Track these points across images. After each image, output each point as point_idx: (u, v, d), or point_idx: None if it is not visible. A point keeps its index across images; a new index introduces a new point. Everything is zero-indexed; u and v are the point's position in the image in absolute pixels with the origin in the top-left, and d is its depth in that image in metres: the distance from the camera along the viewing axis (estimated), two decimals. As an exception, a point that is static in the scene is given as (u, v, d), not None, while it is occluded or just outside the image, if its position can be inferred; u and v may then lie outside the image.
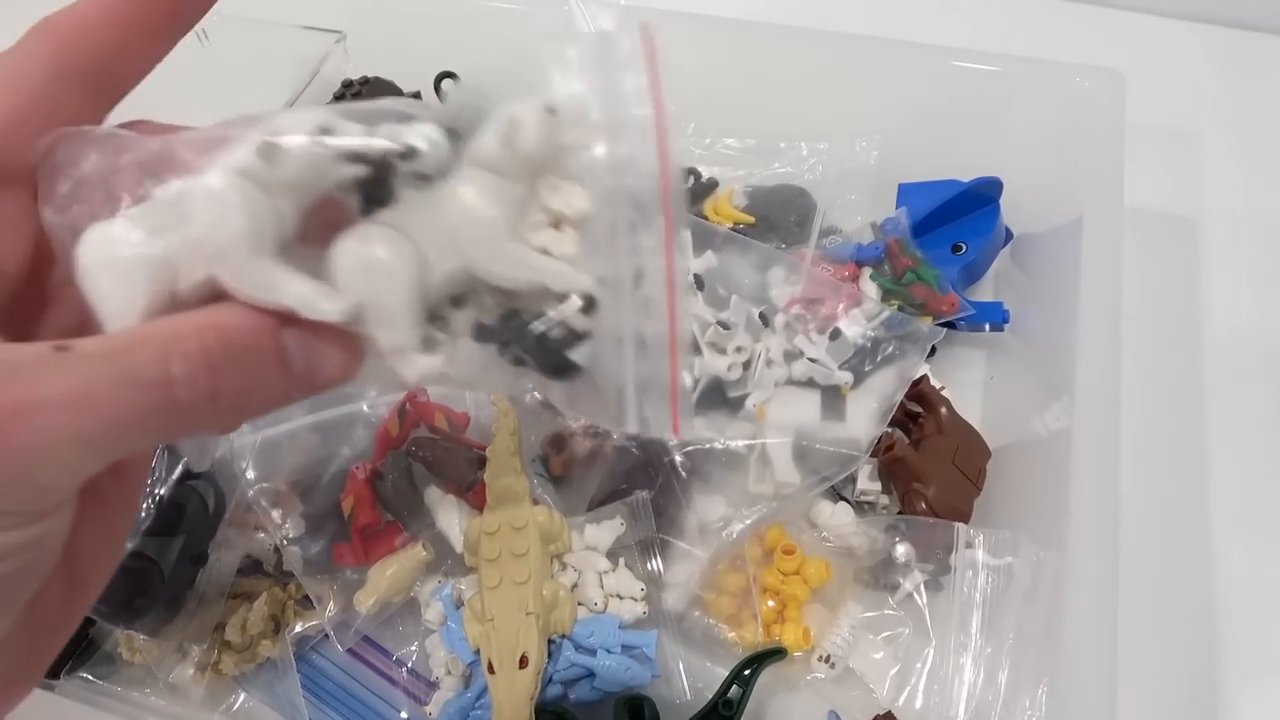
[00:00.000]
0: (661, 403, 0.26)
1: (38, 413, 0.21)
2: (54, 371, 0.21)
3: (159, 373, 0.22)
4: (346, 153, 0.23)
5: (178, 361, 0.22)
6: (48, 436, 0.21)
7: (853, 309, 0.56)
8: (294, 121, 0.23)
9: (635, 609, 0.48)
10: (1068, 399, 0.48)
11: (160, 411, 0.22)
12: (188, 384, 0.22)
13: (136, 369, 0.22)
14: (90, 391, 0.21)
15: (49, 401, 0.21)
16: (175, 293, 0.24)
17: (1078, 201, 0.54)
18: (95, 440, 0.22)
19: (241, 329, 0.24)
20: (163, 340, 0.23)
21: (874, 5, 0.79)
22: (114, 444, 0.23)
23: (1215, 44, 0.78)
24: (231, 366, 0.23)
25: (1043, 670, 0.43)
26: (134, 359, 0.22)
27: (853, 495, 0.53)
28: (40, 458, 0.21)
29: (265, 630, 0.49)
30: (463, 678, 0.48)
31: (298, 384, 0.25)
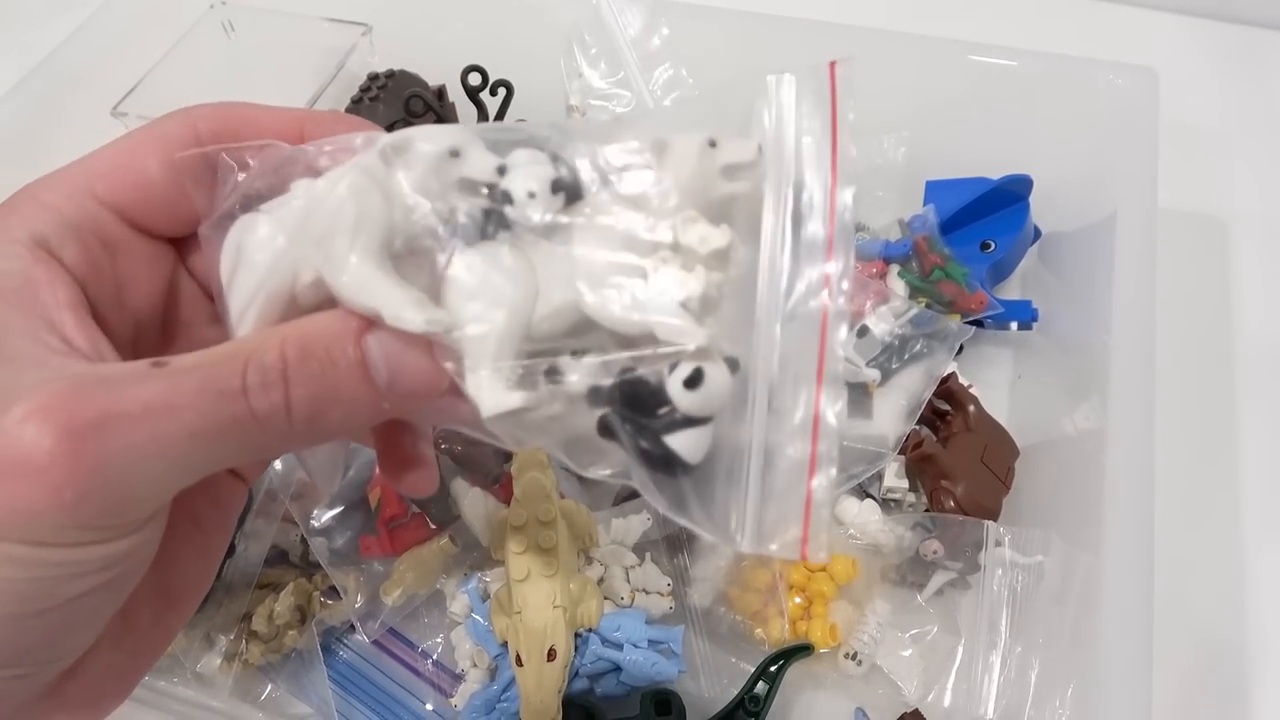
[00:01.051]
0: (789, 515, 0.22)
1: (121, 421, 0.21)
2: (143, 383, 0.22)
3: (237, 383, 0.23)
4: (464, 181, 0.22)
5: (253, 371, 0.23)
6: (129, 444, 0.21)
7: (880, 306, 0.56)
8: (427, 134, 0.23)
9: (662, 604, 0.48)
10: (1097, 398, 0.48)
11: (238, 422, 0.22)
12: (262, 393, 0.23)
13: (217, 379, 0.22)
14: (173, 401, 0.22)
15: (132, 411, 0.21)
16: (294, 293, 0.24)
17: (1110, 200, 0.54)
18: (177, 450, 0.22)
19: (319, 336, 0.24)
20: (246, 352, 0.23)
21: (903, 2, 0.79)
22: (196, 456, 0.23)
23: (1246, 43, 0.78)
24: (306, 375, 0.23)
25: (1073, 670, 0.43)
26: (218, 370, 0.23)
27: (880, 492, 0.53)
28: (122, 466, 0.21)
29: (292, 621, 0.49)
30: (489, 670, 0.48)
31: (382, 395, 0.24)
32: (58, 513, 0.21)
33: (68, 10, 0.74)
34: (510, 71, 0.62)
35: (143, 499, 0.23)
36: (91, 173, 0.26)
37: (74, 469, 0.20)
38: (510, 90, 0.63)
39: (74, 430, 0.20)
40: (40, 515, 0.21)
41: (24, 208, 0.25)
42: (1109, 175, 0.55)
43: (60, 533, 0.21)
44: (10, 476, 0.20)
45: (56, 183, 0.26)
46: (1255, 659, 0.50)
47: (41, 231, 0.25)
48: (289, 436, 0.24)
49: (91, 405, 0.21)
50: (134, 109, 0.64)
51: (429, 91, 0.67)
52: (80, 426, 0.21)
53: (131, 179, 0.26)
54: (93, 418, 0.21)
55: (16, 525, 0.21)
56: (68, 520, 0.21)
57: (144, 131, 0.27)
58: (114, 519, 0.22)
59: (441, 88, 0.68)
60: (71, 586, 0.22)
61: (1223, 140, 0.72)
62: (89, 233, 0.26)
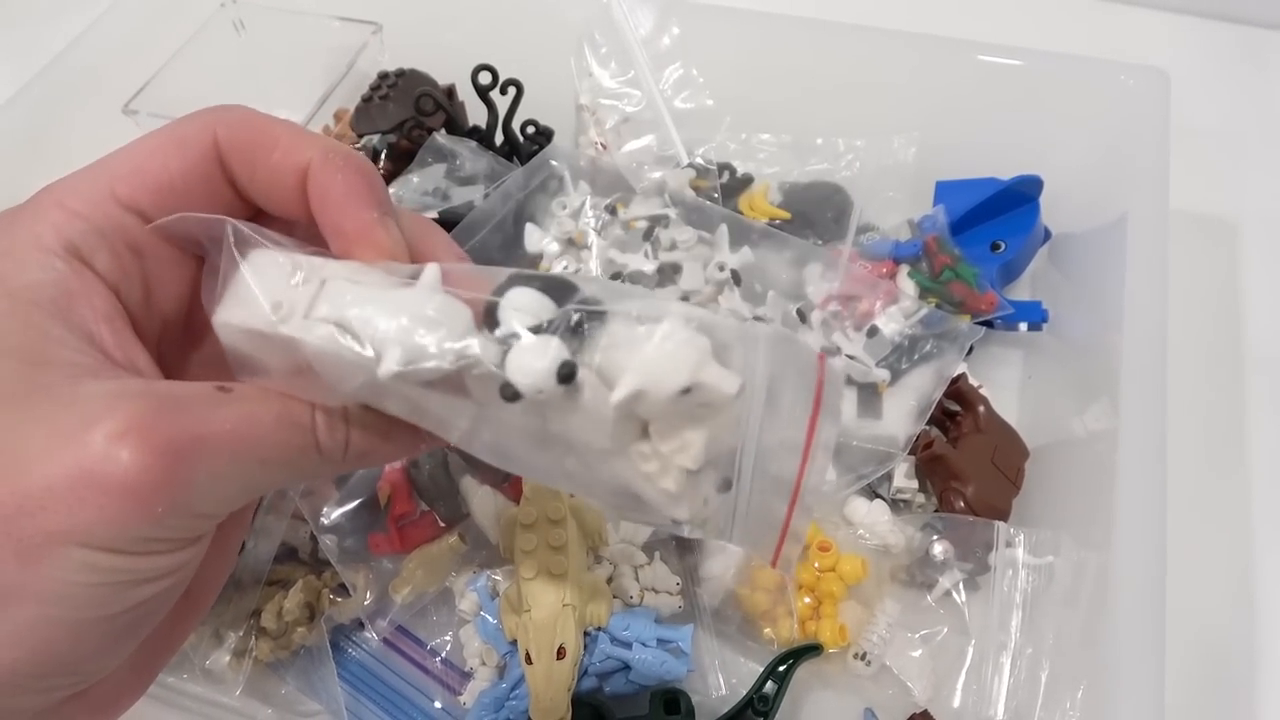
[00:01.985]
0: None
1: (206, 444, 0.23)
2: (221, 408, 0.24)
3: (307, 420, 0.25)
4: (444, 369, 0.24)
5: (321, 411, 0.26)
6: (213, 466, 0.24)
7: (890, 306, 0.56)
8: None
9: (671, 603, 0.48)
10: (1108, 400, 0.48)
11: (305, 452, 0.25)
12: (328, 431, 0.26)
13: (291, 414, 0.25)
14: (253, 429, 0.24)
15: (217, 434, 0.24)
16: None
17: (1120, 201, 0.54)
18: (252, 474, 0.25)
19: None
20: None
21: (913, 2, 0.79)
22: (266, 479, 0.26)
23: (1256, 45, 0.78)
24: (364, 420, 0.26)
25: (1083, 671, 0.43)
26: (291, 406, 0.25)
27: (889, 493, 0.53)
28: (205, 486, 0.24)
29: (301, 618, 0.49)
30: (498, 668, 0.48)
31: (426, 436, 0.27)
32: (146, 525, 0.23)
33: (79, 9, 0.74)
34: (520, 70, 0.63)
35: (212, 515, 0.25)
36: (113, 175, 0.27)
37: (166, 486, 0.22)
38: (520, 89, 0.63)
39: (168, 451, 0.22)
40: (128, 527, 0.22)
41: (51, 214, 0.26)
42: (1120, 176, 0.55)
43: (141, 543, 0.23)
44: (102, 490, 0.22)
45: (79, 187, 0.27)
46: (1267, 660, 0.50)
47: (73, 240, 0.26)
48: (339, 467, 0.27)
49: (182, 428, 0.23)
50: (145, 107, 0.64)
51: (439, 90, 0.67)
52: (174, 447, 0.22)
53: (151, 182, 0.27)
54: (185, 440, 0.23)
55: (102, 534, 0.22)
56: (151, 533, 0.23)
57: (164, 133, 0.28)
58: (188, 532, 0.25)
59: (451, 87, 0.68)
60: (139, 592, 0.24)
61: (1233, 141, 0.72)
62: (118, 239, 0.27)
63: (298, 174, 0.26)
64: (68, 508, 0.22)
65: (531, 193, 0.60)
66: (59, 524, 0.22)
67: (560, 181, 0.61)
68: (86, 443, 0.22)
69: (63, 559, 0.22)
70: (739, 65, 0.65)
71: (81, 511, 0.22)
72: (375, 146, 0.65)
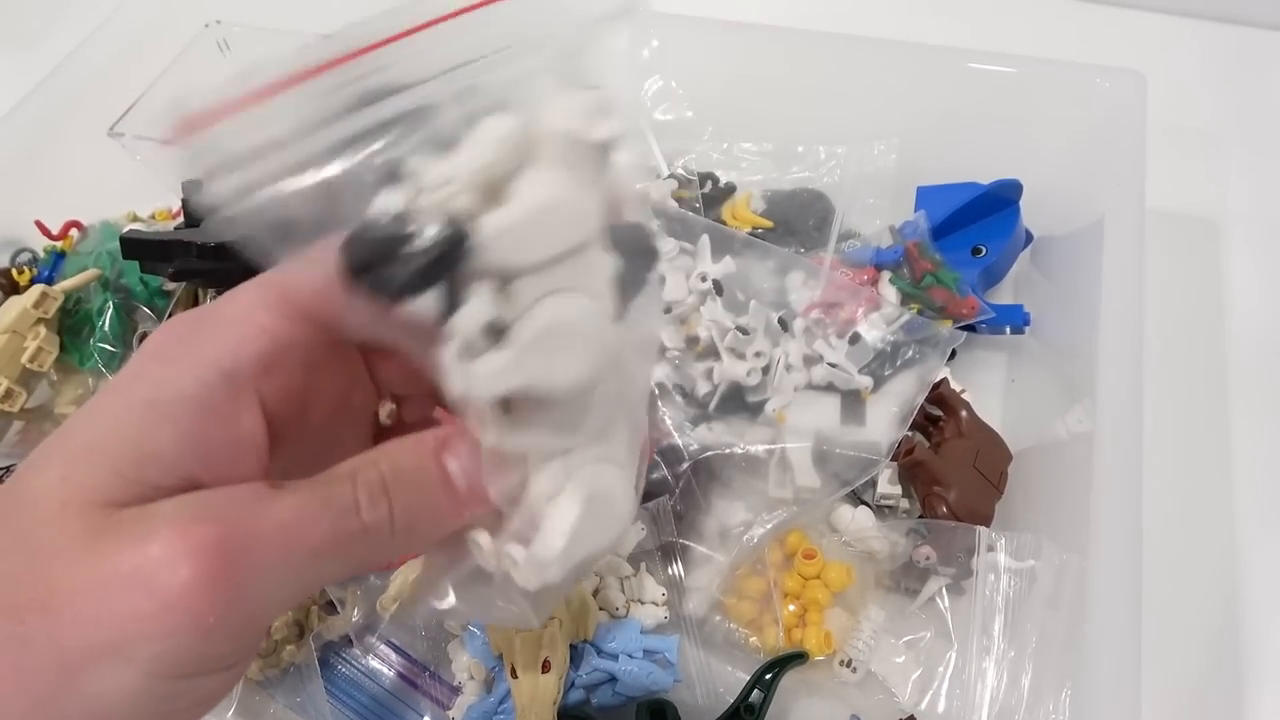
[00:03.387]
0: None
1: (256, 544, 0.22)
2: (270, 504, 0.23)
3: (350, 499, 0.24)
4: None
5: (361, 487, 0.25)
6: (264, 564, 0.23)
7: (872, 313, 0.56)
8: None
9: (657, 614, 0.49)
10: (1089, 402, 0.48)
11: (353, 536, 0.24)
12: (370, 506, 0.25)
13: (337, 497, 0.24)
14: (301, 520, 0.23)
15: (267, 532, 0.23)
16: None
17: (1099, 203, 0.54)
18: (304, 568, 0.24)
19: (407, 455, 0.26)
20: (351, 472, 0.25)
21: (891, 8, 0.79)
22: (319, 572, 0.25)
23: (1235, 44, 0.78)
24: (402, 487, 0.25)
25: (1066, 674, 0.43)
26: (333, 490, 0.24)
27: (873, 499, 0.53)
28: (257, 587, 0.23)
29: (289, 635, 0.50)
30: (485, 682, 0.48)
31: (465, 501, 0.26)
32: (196, 637, 0.22)
33: (64, 33, 0.75)
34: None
35: (266, 620, 0.25)
36: (295, 285, 0.26)
37: (216, 591, 0.21)
38: (502, 104, 0.63)
39: (218, 554, 0.22)
40: (178, 639, 0.21)
41: (236, 329, 0.25)
42: (1098, 179, 0.56)
43: (190, 662, 0.22)
44: (151, 598, 0.21)
45: (270, 298, 0.26)
46: (1247, 660, 0.50)
47: (245, 363, 0.25)
48: (390, 546, 0.26)
49: (232, 530, 0.22)
50: (131, 129, 0.65)
51: (422, 106, 0.67)
52: (223, 550, 0.22)
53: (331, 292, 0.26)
54: (235, 541, 0.22)
55: (144, 649, 0.21)
56: (201, 647, 0.22)
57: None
58: (239, 642, 0.24)
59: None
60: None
61: (1213, 140, 0.72)
62: (294, 357, 0.26)
63: None
64: (118, 616, 0.21)
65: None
66: (106, 636, 0.21)
67: (543, 195, 0.62)
68: (145, 547, 0.21)
69: (107, 680, 0.21)
70: (718, 75, 0.65)
71: (132, 622, 0.21)
72: (360, 164, 0.66)
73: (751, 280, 0.58)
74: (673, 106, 0.65)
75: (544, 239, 0.22)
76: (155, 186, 0.68)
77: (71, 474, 0.23)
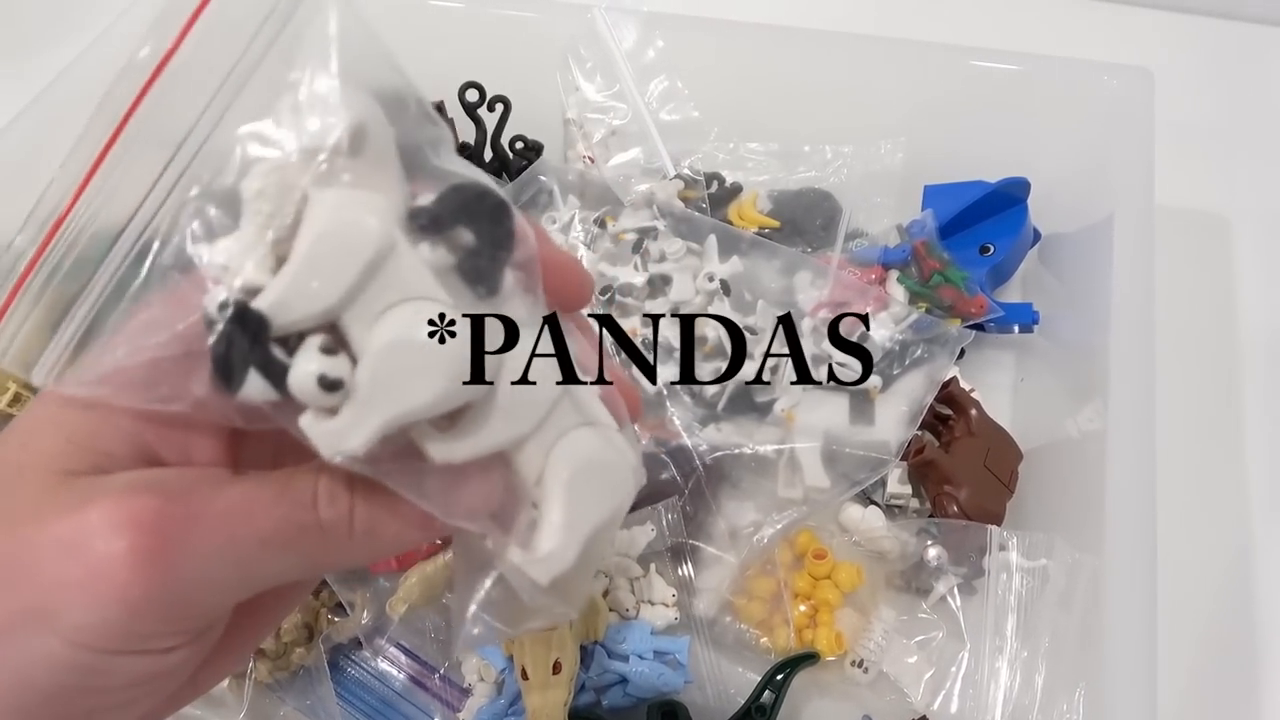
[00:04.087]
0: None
1: (198, 524, 0.22)
2: (222, 487, 0.23)
3: (309, 492, 0.23)
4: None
5: (323, 480, 0.23)
6: (204, 547, 0.22)
7: (880, 312, 0.56)
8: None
9: (667, 615, 0.48)
10: (1100, 400, 0.48)
11: (307, 530, 0.23)
12: (329, 502, 0.23)
13: (293, 489, 0.23)
14: (250, 506, 0.22)
15: (212, 513, 0.22)
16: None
17: (1108, 201, 0.54)
18: (246, 556, 0.23)
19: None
20: (318, 465, 0.23)
21: (896, 7, 0.79)
22: (267, 564, 0.23)
23: (1241, 40, 0.78)
24: (366, 490, 0.24)
25: (1079, 673, 0.43)
26: (293, 481, 0.23)
27: (883, 499, 0.53)
28: (193, 569, 0.22)
29: (299, 638, 0.50)
30: (496, 684, 0.48)
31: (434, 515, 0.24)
32: (125, 614, 0.21)
33: (71, 36, 0.75)
34: (507, 87, 0.63)
35: (204, 606, 0.23)
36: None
37: (150, 568, 0.21)
38: (508, 105, 0.63)
39: (155, 530, 0.21)
40: (106, 611, 0.21)
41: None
42: (1105, 176, 0.56)
43: (111, 636, 0.21)
44: (83, 568, 0.21)
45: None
46: (1260, 659, 0.50)
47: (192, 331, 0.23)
48: (350, 549, 0.24)
49: (176, 508, 0.21)
50: (137, 133, 0.64)
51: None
52: (162, 526, 0.21)
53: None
54: (175, 518, 0.21)
55: (70, 617, 0.21)
56: (126, 622, 0.21)
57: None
58: (173, 625, 0.23)
59: (439, 104, 0.69)
60: (98, 701, 0.23)
61: (1221, 137, 0.72)
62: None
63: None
64: (47, 582, 0.21)
65: (521, 207, 0.60)
66: (34, 601, 0.21)
67: (549, 196, 0.62)
68: (83, 517, 0.21)
69: (31, 646, 0.21)
70: (724, 75, 0.65)
71: (59, 590, 0.21)
72: (365, 166, 0.66)
73: (759, 280, 0.58)
74: (679, 107, 0.65)
75: (332, 271, 0.20)
76: (162, 190, 0.68)
77: (29, 440, 0.23)
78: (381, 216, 0.21)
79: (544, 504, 0.24)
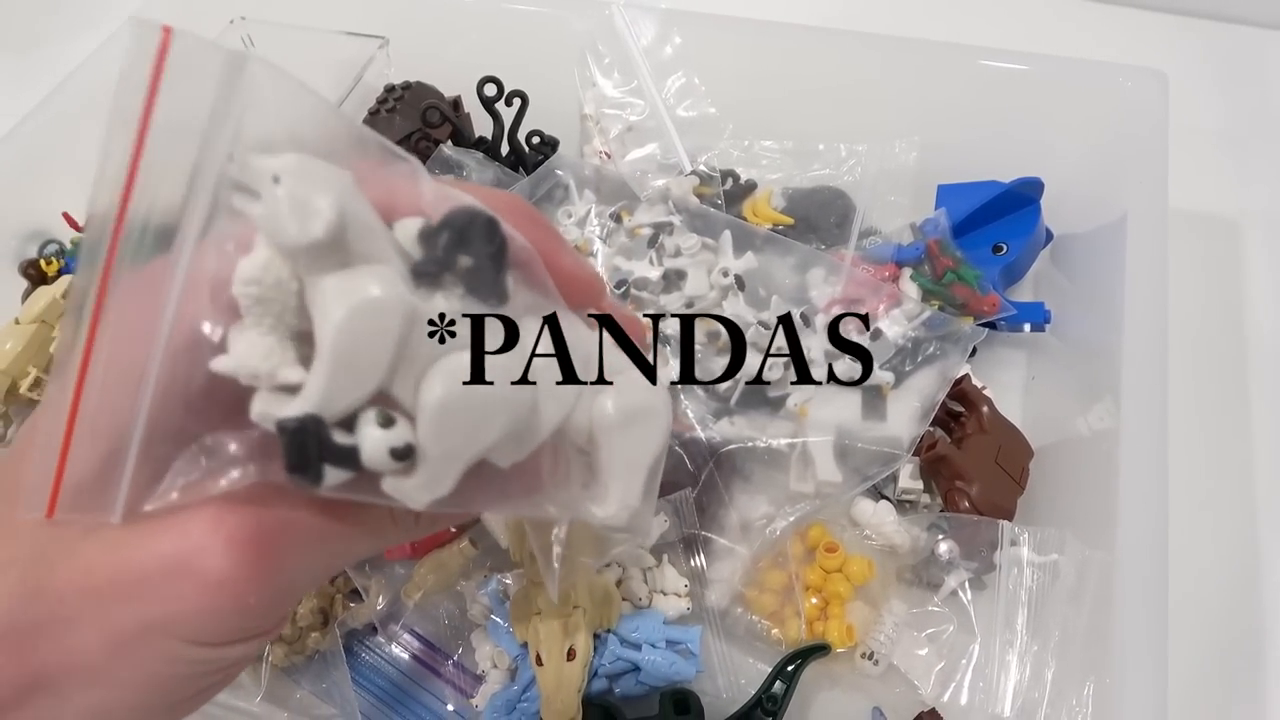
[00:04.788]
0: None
1: (295, 529, 0.23)
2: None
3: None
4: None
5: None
6: (303, 548, 0.23)
7: (893, 309, 0.56)
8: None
9: (679, 605, 0.49)
10: (1111, 399, 0.48)
11: (380, 520, 0.25)
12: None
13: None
14: (336, 505, 0.23)
15: (305, 517, 0.23)
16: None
17: (1121, 202, 0.54)
18: (336, 549, 0.25)
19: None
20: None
21: (912, 7, 0.80)
22: (348, 552, 0.25)
23: (1254, 45, 0.78)
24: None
25: (1089, 668, 0.43)
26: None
27: (895, 494, 0.53)
28: (294, 568, 0.23)
29: (314, 623, 0.50)
30: (509, 671, 0.48)
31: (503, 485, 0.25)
32: (238, 616, 0.23)
33: (88, 31, 0.75)
34: (525, 82, 0.63)
35: (300, 593, 0.26)
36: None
37: (259, 576, 0.22)
38: (525, 100, 0.64)
39: (260, 540, 0.22)
40: (221, 618, 0.22)
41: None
42: (1120, 178, 0.56)
43: (229, 633, 0.23)
44: (197, 582, 0.22)
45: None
46: (1270, 656, 0.50)
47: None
48: (410, 532, 0.26)
49: (273, 515, 0.23)
50: (157, 122, 0.65)
51: (445, 102, 0.68)
52: (265, 535, 0.22)
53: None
54: (275, 527, 0.22)
55: (194, 626, 0.22)
56: (242, 622, 0.23)
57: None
58: (275, 617, 0.25)
59: (457, 99, 0.69)
60: (212, 679, 0.25)
61: (1234, 141, 0.72)
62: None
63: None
64: (162, 598, 0.22)
65: (537, 202, 0.61)
66: (152, 615, 0.22)
67: (566, 190, 0.62)
68: (184, 533, 0.22)
69: (153, 649, 0.22)
70: (740, 73, 0.65)
71: (176, 602, 0.22)
72: (383, 158, 0.66)
73: (773, 276, 0.59)
74: (695, 104, 0.65)
75: (366, 357, 0.21)
76: (181, 179, 0.68)
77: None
78: (389, 287, 0.21)
79: (600, 457, 0.26)
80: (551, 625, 0.45)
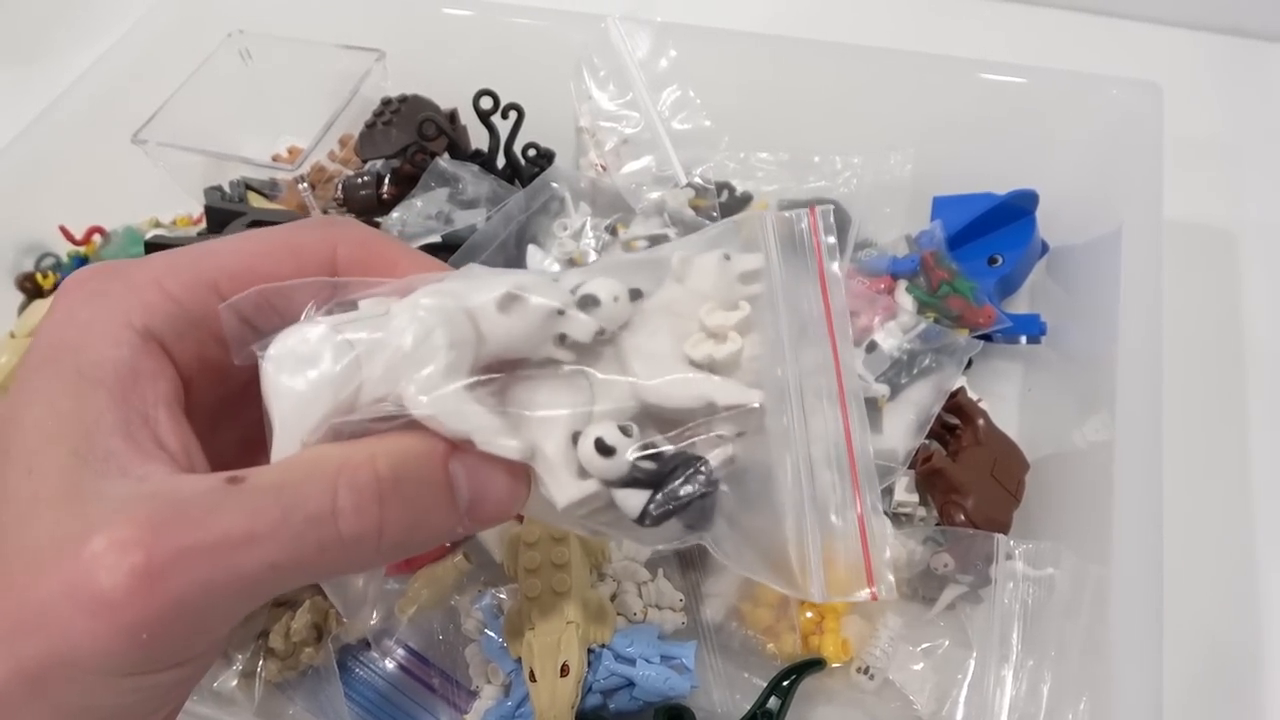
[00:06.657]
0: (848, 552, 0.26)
1: (199, 556, 0.20)
2: (222, 509, 0.21)
3: (326, 505, 0.22)
4: (551, 309, 0.25)
5: (345, 493, 0.22)
6: (207, 580, 0.21)
7: (889, 321, 0.56)
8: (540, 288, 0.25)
9: (674, 619, 0.49)
10: (1107, 412, 0.48)
11: (324, 547, 0.22)
12: (354, 516, 0.22)
13: (304, 502, 0.22)
14: (253, 530, 0.21)
15: (211, 544, 0.21)
16: (353, 407, 0.24)
17: (1116, 214, 0.54)
18: (256, 582, 0.21)
19: (414, 455, 0.23)
20: (334, 468, 0.22)
21: (908, 20, 0.80)
22: (272, 585, 0.22)
23: (1250, 56, 0.78)
24: (400, 497, 0.22)
25: (1085, 682, 0.43)
26: (303, 491, 0.22)
27: (890, 507, 0.53)
28: (197, 603, 0.21)
29: (308, 638, 0.50)
30: (503, 686, 0.48)
31: (463, 517, 0.24)
32: (131, 650, 0.20)
33: (88, 42, 0.76)
34: (521, 94, 0.64)
35: (213, 631, 0.23)
36: (220, 268, 0.25)
37: (148, 610, 0.20)
38: (521, 113, 0.64)
39: (151, 570, 0.20)
40: (114, 653, 0.20)
41: (146, 293, 0.24)
42: (1114, 189, 0.56)
43: (131, 666, 0.21)
44: (88, 612, 0.20)
45: (182, 272, 0.25)
46: (1266, 670, 0.50)
47: (157, 324, 0.24)
48: (373, 559, 0.23)
49: (169, 540, 0.20)
50: (154, 136, 0.65)
51: (441, 115, 0.68)
52: (157, 565, 0.20)
53: (260, 283, 0.25)
54: (172, 553, 0.20)
55: (93, 657, 0.20)
56: (139, 657, 0.21)
57: (278, 236, 0.26)
58: (183, 655, 0.22)
59: (453, 111, 0.69)
60: (151, 706, 0.23)
61: (1229, 152, 0.72)
62: (206, 329, 0.25)
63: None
64: (61, 628, 0.20)
65: (533, 214, 0.61)
66: (55, 645, 0.20)
67: (561, 203, 0.62)
68: (79, 555, 0.20)
69: (69, 683, 0.21)
70: (735, 85, 0.65)
71: (72, 633, 0.20)
72: (379, 171, 0.66)
73: (768, 288, 0.58)
74: (690, 116, 0.65)
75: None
76: (177, 193, 0.69)
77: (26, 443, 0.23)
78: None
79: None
80: (545, 641, 0.45)
